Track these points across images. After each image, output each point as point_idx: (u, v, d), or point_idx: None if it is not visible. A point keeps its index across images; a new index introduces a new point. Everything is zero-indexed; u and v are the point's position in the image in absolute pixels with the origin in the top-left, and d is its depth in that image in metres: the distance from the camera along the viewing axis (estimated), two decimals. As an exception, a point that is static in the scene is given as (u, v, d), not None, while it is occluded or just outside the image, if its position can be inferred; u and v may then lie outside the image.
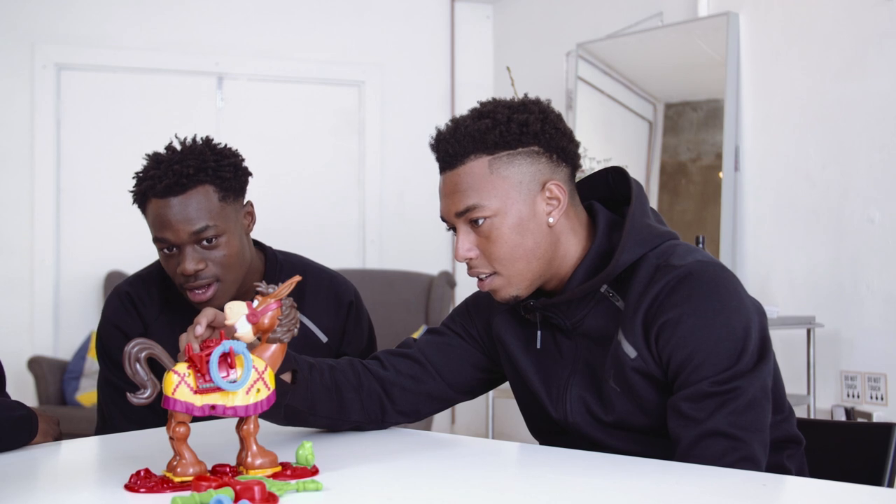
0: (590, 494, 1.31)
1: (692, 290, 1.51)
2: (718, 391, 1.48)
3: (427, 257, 5.48)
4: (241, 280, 2.04)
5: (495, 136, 1.56)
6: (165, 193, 1.95)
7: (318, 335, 2.14)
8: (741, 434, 1.48)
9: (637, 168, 4.38)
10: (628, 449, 1.60)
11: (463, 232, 1.61)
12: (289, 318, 1.34)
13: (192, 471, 1.26)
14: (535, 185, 1.58)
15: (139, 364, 1.23)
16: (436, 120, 5.68)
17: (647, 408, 1.57)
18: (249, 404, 1.28)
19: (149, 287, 2.14)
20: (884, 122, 3.40)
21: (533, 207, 1.58)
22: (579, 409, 1.64)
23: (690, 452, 1.48)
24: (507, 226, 1.57)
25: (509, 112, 1.59)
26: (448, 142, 1.60)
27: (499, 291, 1.62)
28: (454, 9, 5.69)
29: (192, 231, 1.94)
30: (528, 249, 1.58)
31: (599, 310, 1.62)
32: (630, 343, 1.55)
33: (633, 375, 1.55)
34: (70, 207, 5.00)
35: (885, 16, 3.41)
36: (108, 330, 2.14)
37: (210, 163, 1.98)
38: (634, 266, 1.58)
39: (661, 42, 4.30)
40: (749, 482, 1.34)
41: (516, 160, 1.57)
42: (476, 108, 1.62)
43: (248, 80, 5.34)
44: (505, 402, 5.17)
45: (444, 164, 1.62)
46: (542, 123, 1.59)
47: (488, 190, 1.57)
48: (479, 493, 1.30)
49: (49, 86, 4.95)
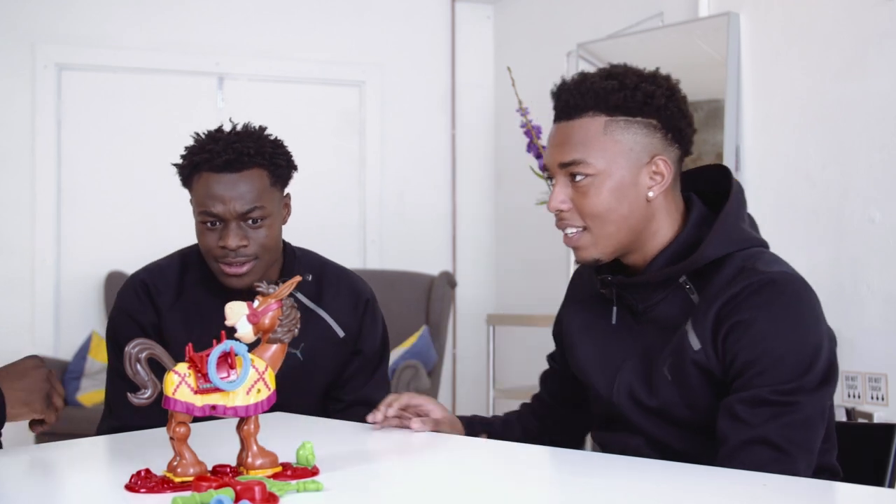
0: (590, 494, 1.31)
1: (772, 297, 1.52)
2: (777, 401, 1.47)
3: (428, 257, 5.48)
4: (270, 266, 2.10)
5: (618, 99, 1.58)
6: (222, 168, 2.01)
7: (336, 330, 2.18)
8: (790, 448, 1.47)
9: (637, 168, 4.37)
10: (666, 439, 1.60)
11: (561, 184, 1.61)
12: (289, 319, 1.34)
13: (192, 471, 1.26)
14: (644, 156, 1.59)
15: (140, 364, 1.23)
16: (436, 120, 5.68)
17: (694, 402, 1.56)
18: (250, 404, 1.29)
19: (166, 275, 2.16)
20: (884, 122, 3.40)
21: (636, 177, 1.59)
22: (626, 391, 1.64)
23: (735, 455, 1.47)
24: (606, 187, 1.58)
25: (638, 80, 1.60)
26: (570, 92, 1.61)
27: (582, 250, 1.62)
28: (454, 9, 5.69)
29: (242, 209, 2.01)
30: (622, 216, 1.59)
31: (674, 299, 1.62)
32: (697, 335, 1.54)
33: (691, 368, 1.55)
34: (71, 207, 5.00)
35: (885, 16, 3.41)
36: (120, 318, 2.16)
37: (268, 148, 2.06)
38: (718, 263, 1.58)
39: (661, 42, 4.30)
40: (749, 482, 1.34)
41: (632, 128, 1.59)
42: (606, 67, 1.64)
43: (248, 81, 5.34)
44: (505, 403, 5.17)
45: (560, 113, 1.63)
46: (666, 99, 1.60)
47: (597, 149, 1.58)
48: (479, 494, 1.30)
49: (50, 86, 4.95)
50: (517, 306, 5.40)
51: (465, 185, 5.70)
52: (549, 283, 5.02)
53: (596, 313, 1.74)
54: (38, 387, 1.65)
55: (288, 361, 2.10)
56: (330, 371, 2.19)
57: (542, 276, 5.16)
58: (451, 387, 5.60)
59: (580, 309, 1.79)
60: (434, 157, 5.66)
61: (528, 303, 5.29)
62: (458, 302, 5.57)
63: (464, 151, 5.71)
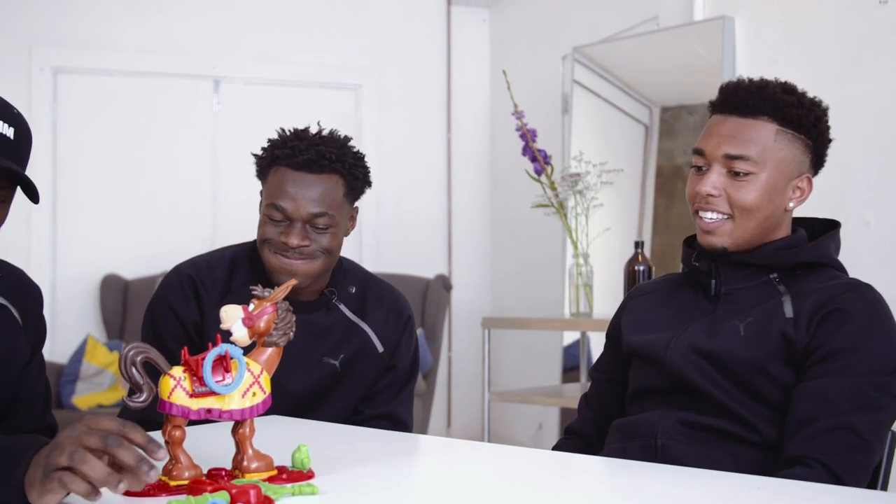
0: (585, 496, 1.31)
1: (873, 302, 1.63)
2: (872, 394, 1.55)
3: (423, 260, 5.49)
4: (325, 272, 2.08)
5: (793, 114, 1.69)
6: (302, 167, 2.01)
7: (376, 345, 2.18)
8: (874, 442, 1.55)
9: (633, 171, 4.38)
10: (708, 388, 1.64)
11: (717, 172, 1.70)
12: (285, 322, 1.34)
13: (187, 474, 1.26)
14: (795, 170, 1.72)
15: (135, 368, 1.23)
16: (433, 123, 5.69)
17: (758, 360, 1.62)
18: (245, 408, 1.29)
19: (214, 273, 2.12)
20: (880, 125, 3.41)
21: (785, 187, 1.71)
22: (685, 341, 1.69)
23: (820, 437, 1.52)
24: (761, 185, 1.68)
25: (811, 103, 1.72)
26: (752, 93, 1.70)
27: (718, 236, 1.70)
28: (451, 13, 5.70)
29: (312, 212, 2.00)
30: (765, 216, 1.70)
31: (759, 290, 1.70)
32: (793, 307, 1.63)
33: (775, 331, 1.62)
34: (66, 210, 4.99)
35: (881, 19, 3.42)
36: (162, 310, 2.11)
37: (349, 158, 2.06)
38: (812, 270, 1.70)
39: (657, 46, 4.31)
40: (743, 485, 1.35)
41: (796, 143, 1.70)
42: (781, 81, 1.74)
43: (244, 84, 5.34)
44: (501, 406, 5.18)
45: (734, 108, 1.72)
46: (825, 126, 1.74)
47: (766, 153, 1.68)
48: (474, 497, 1.30)
49: (46, 89, 4.95)
50: (512, 309, 5.40)
51: (460, 189, 5.71)
52: (545, 287, 5.03)
53: (670, 295, 1.82)
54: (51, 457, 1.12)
55: (325, 370, 2.12)
56: (364, 384, 2.18)
57: (538, 279, 5.17)
58: (446, 389, 5.60)
59: (649, 298, 1.86)
60: (430, 160, 5.67)
61: (523, 306, 5.29)
62: (453, 305, 5.57)
63: (460, 155, 5.71)
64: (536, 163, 4.06)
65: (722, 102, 1.74)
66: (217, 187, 5.22)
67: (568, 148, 4.65)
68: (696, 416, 1.65)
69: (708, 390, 1.64)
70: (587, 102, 4.69)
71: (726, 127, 1.71)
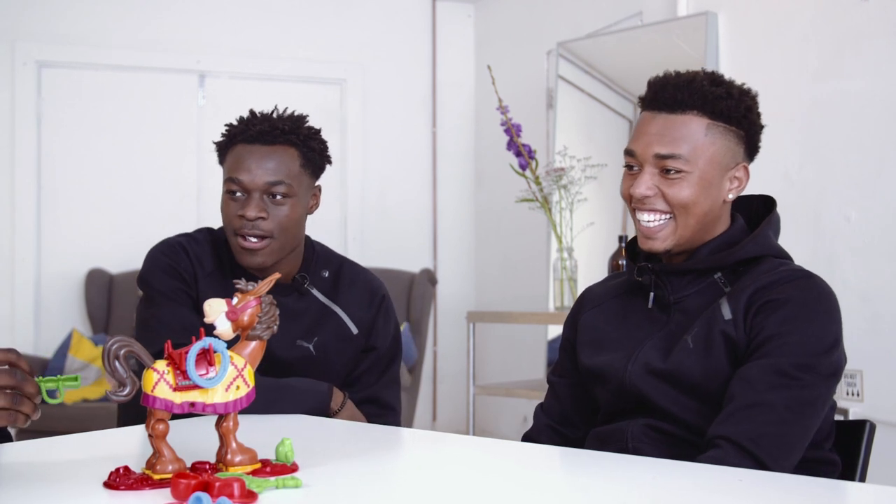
0: (569, 490, 1.32)
1: (807, 288, 1.62)
2: (792, 374, 1.54)
3: (408, 255, 5.50)
4: (287, 251, 2.10)
5: (723, 106, 1.67)
6: (254, 140, 2.07)
7: (349, 326, 2.18)
8: (790, 418, 1.53)
9: (617, 167, 4.39)
10: (673, 408, 1.64)
11: (649, 172, 1.69)
12: (268, 316, 1.34)
13: (171, 468, 1.26)
14: (730, 161, 1.70)
15: (118, 361, 1.23)
16: (417, 118, 5.69)
17: (711, 369, 1.62)
18: (229, 401, 1.29)
19: (202, 245, 2.16)
20: (861, 122, 3.43)
21: (721, 179, 1.69)
22: (641, 362, 1.69)
23: (737, 413, 1.53)
24: (695, 181, 1.67)
25: (740, 93, 1.71)
26: (678, 88, 1.68)
27: (660, 240, 1.69)
28: (435, 8, 5.70)
29: (267, 181, 2.04)
30: (703, 211, 1.68)
31: (706, 293, 1.69)
32: (730, 307, 1.63)
33: (717, 336, 1.62)
34: (51, 205, 4.98)
35: (862, 16, 3.44)
36: (158, 270, 2.09)
37: (303, 130, 2.10)
38: (753, 263, 1.68)
39: (640, 41, 4.32)
40: (725, 477, 1.36)
41: (727, 135, 1.69)
42: (708, 72, 1.72)
43: (229, 78, 5.33)
44: (486, 399, 5.19)
45: (662, 105, 1.70)
46: (756, 116, 1.73)
47: (697, 148, 1.66)
48: (459, 490, 1.31)
49: (30, 83, 4.93)
50: (497, 303, 5.41)
51: (445, 183, 5.71)
52: (529, 281, 5.04)
53: (622, 308, 1.80)
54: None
55: (300, 355, 2.12)
56: (342, 367, 2.18)
57: (522, 273, 5.18)
58: (431, 383, 5.61)
59: (601, 310, 1.83)
60: (415, 154, 5.67)
61: (507, 300, 5.31)
62: (438, 299, 5.58)
63: (444, 149, 5.72)
64: (521, 157, 4.07)
65: (650, 99, 1.71)
66: (202, 181, 5.21)
67: (552, 143, 4.67)
68: (660, 422, 1.67)
69: (668, 408, 1.65)
70: (571, 97, 4.70)
71: (655, 125, 1.69)
